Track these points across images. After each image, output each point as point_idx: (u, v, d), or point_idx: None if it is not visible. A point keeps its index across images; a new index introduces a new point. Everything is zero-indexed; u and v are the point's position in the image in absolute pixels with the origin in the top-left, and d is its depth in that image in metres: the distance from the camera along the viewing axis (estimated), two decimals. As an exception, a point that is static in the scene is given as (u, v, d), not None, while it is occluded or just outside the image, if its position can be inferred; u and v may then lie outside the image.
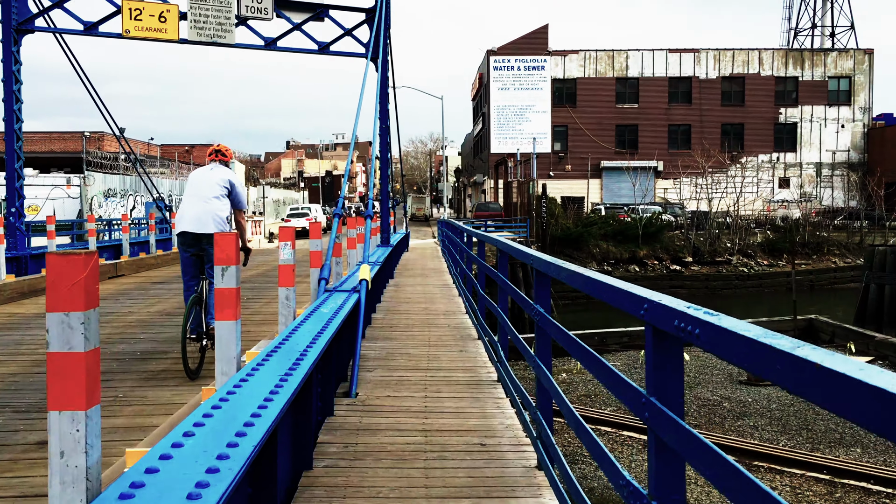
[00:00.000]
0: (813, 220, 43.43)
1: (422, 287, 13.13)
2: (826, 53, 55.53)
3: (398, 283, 13.66)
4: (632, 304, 2.67)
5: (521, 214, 40.25)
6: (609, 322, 20.52)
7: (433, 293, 12.23)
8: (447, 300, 11.26)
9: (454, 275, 13.75)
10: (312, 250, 6.38)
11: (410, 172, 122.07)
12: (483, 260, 8.06)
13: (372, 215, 7.22)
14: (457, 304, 10.85)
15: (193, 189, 7.14)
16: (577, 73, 54.68)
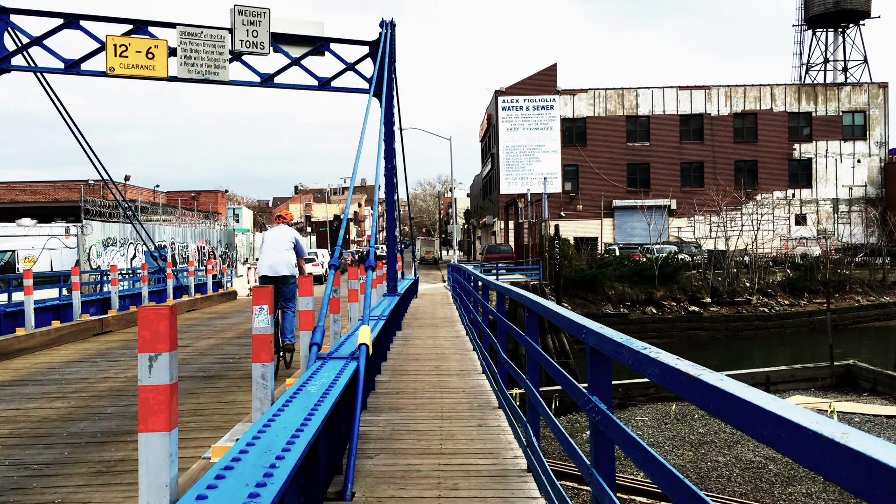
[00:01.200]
0: (833, 257, 42.24)
1: (432, 340, 11.99)
2: (839, 88, 54.79)
3: (406, 337, 12.54)
4: (576, 329, 3.57)
5: (533, 256, 39.22)
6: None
7: (445, 347, 11.12)
8: (460, 356, 10.14)
9: (466, 325, 12.64)
10: (302, 310, 5.37)
11: (419, 215, 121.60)
12: (503, 315, 6.97)
13: (374, 266, 6.18)
14: (471, 360, 9.72)
15: (270, 244, 10.04)
16: (586, 112, 54.09)
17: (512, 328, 6.08)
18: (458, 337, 12.45)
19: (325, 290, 5.66)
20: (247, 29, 11.95)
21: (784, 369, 16.35)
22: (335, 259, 6.03)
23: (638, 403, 15.92)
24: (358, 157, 7.73)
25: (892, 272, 40.11)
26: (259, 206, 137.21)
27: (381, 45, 11.65)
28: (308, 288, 6.47)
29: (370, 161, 12.70)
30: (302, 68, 12.69)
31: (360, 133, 8.58)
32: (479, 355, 9.54)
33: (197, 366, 10.38)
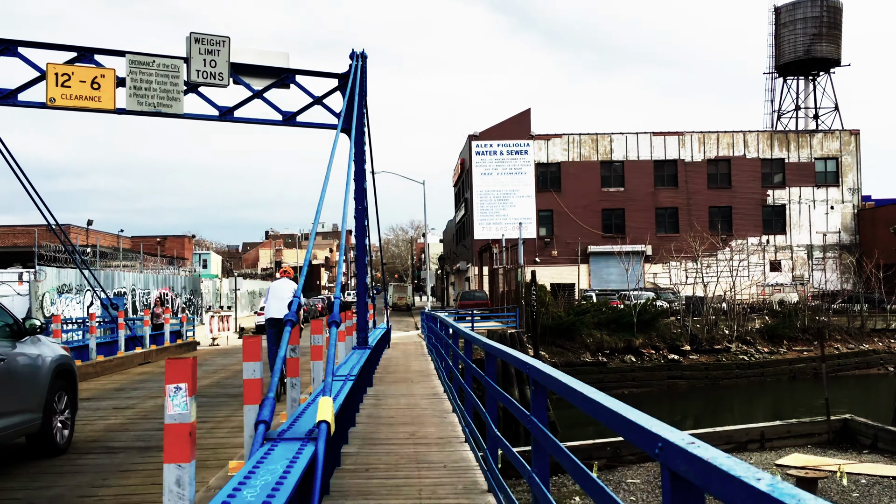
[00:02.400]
0: (811, 304, 41.81)
1: (406, 399, 10.83)
2: (812, 135, 55.22)
3: (378, 394, 11.35)
4: (520, 364, 4.58)
5: (508, 303, 38.25)
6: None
7: (421, 408, 9.97)
8: (439, 419, 9.00)
9: (444, 381, 11.52)
10: (247, 378, 4.31)
11: (391, 260, 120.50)
12: (493, 378, 5.90)
13: (338, 321, 5.08)
14: (451, 425, 8.58)
15: (275, 293, 13.12)
16: (560, 157, 53.84)
17: (506, 398, 5.02)
18: (436, 394, 11.30)
19: (280, 349, 4.54)
20: (204, 58, 10.98)
21: (779, 424, 15.37)
22: (292, 313, 4.95)
23: (628, 463, 14.80)
24: (323, 196, 6.72)
25: (870, 319, 39.69)
26: (229, 251, 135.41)
27: (352, 78, 10.72)
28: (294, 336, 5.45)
29: (341, 203, 11.73)
30: (265, 101, 11.71)
31: (331, 173, 7.64)
32: (459, 418, 8.43)
33: (136, 433, 9.12)
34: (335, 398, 5.82)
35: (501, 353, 5.46)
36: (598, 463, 12.73)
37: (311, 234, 6.22)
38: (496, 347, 5.79)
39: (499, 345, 5.92)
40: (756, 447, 14.81)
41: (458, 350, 9.36)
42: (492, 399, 5.64)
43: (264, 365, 5.42)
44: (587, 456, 13.59)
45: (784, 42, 60.33)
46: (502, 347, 5.71)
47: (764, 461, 14.04)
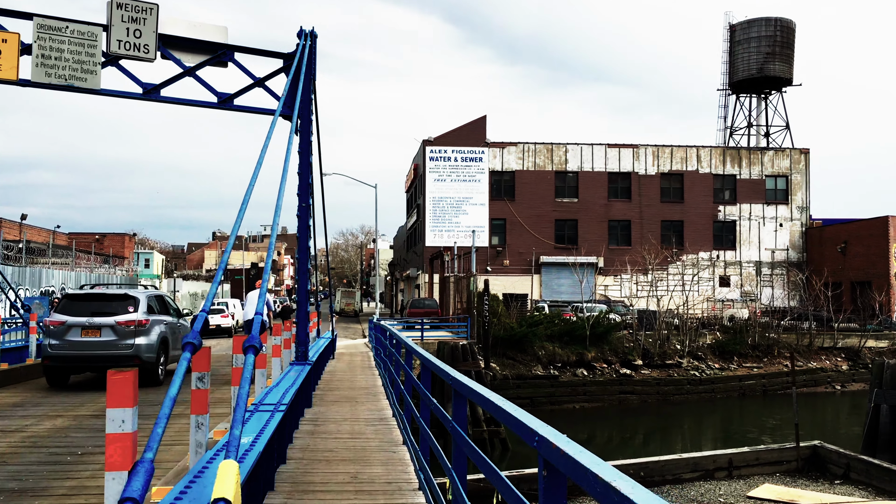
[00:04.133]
0: (761, 320, 41.70)
1: (349, 425, 9.48)
2: (763, 152, 55.60)
3: (317, 418, 9.96)
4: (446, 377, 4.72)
5: (457, 312, 37.18)
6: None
7: (366, 438, 8.64)
8: (387, 455, 7.64)
9: (393, 404, 10.26)
10: (111, 432, 3.04)
11: (339, 265, 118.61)
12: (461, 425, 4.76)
13: (258, 346, 3.61)
14: (402, 463, 7.26)
15: (251, 301, 17.40)
16: (515, 166, 53.12)
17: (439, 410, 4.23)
18: (383, 419, 10.00)
19: (169, 390, 3.14)
20: (127, 27, 9.57)
21: (748, 451, 14.50)
22: (194, 333, 3.59)
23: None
24: (253, 181, 5.45)
25: (818, 337, 39.71)
26: (173, 251, 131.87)
27: (298, 58, 9.44)
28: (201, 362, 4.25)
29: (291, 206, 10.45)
30: (198, 81, 10.32)
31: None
32: (411, 454, 7.18)
33: (13, 468, 7.38)
34: (257, 439, 4.55)
35: (433, 366, 4.93)
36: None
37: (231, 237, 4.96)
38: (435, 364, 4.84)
39: (437, 361, 5.03)
40: (724, 475, 13.90)
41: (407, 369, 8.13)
42: (459, 453, 4.54)
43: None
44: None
45: (738, 60, 60.77)
46: (440, 364, 5.02)
47: (734, 491, 13.12)
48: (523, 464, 18.02)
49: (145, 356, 14.00)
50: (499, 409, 3.37)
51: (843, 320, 41.36)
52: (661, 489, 13.33)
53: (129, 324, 13.87)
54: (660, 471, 13.68)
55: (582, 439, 26.59)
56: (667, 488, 13.56)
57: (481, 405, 3.75)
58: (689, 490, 13.35)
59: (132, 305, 14.29)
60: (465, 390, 4.25)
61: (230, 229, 28.01)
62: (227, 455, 2.79)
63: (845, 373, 37.72)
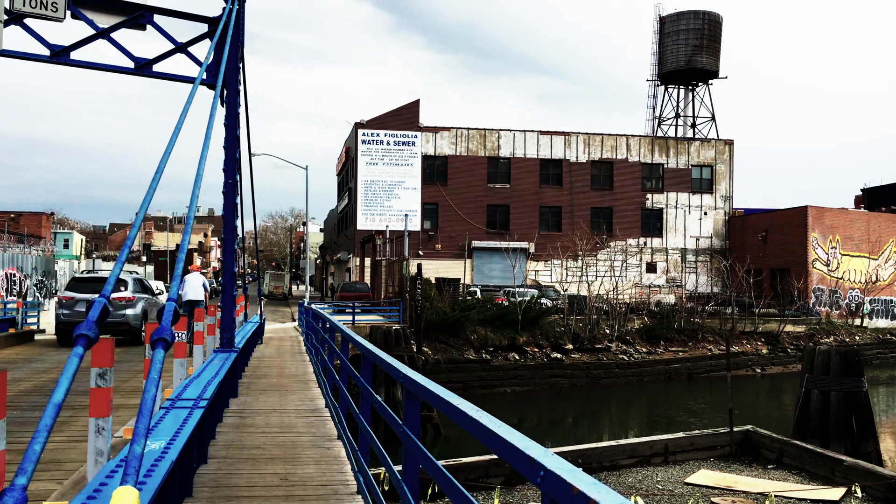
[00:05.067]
0: (687, 306, 42.56)
1: (279, 417, 8.86)
2: (689, 143, 56.69)
3: (243, 410, 9.30)
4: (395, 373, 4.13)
5: (389, 296, 36.67)
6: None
7: (297, 431, 8.05)
8: (321, 451, 7.05)
9: (326, 392, 9.70)
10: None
11: (269, 248, 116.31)
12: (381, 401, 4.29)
13: (169, 338, 2.94)
14: (337, 460, 6.69)
15: (189, 283, 18.09)
16: (448, 151, 52.73)
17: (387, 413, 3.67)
18: (316, 410, 9.42)
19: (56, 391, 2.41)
20: (35, -18, 8.66)
21: (683, 437, 14.48)
22: (88, 324, 2.85)
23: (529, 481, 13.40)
24: (167, 154, 4.81)
25: (740, 322, 40.75)
26: (94, 231, 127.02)
27: (224, 21, 8.70)
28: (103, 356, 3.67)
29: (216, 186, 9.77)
30: (113, 44, 9.46)
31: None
32: (348, 451, 6.64)
33: None
34: (171, 443, 3.97)
35: (380, 361, 4.54)
36: (500, 487, 11.29)
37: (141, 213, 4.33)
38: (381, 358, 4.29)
39: (385, 355, 4.53)
40: (660, 461, 13.84)
41: (343, 358, 7.59)
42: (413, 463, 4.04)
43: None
44: (485, 473, 12.14)
45: (667, 51, 61.72)
46: (385, 357, 4.48)
47: (671, 478, 13.05)
48: (455, 449, 17.72)
49: (132, 323, 19.30)
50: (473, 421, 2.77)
51: (763, 306, 42.60)
52: (600, 476, 13.17)
53: (121, 299, 19.24)
54: (597, 457, 13.51)
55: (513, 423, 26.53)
56: (604, 475, 13.41)
57: (447, 413, 3.13)
58: (627, 477, 13.21)
59: (123, 286, 19.66)
60: (422, 392, 3.61)
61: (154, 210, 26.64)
62: (124, 478, 2.22)
63: (765, 356, 38.86)
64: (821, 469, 13.00)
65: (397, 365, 4.04)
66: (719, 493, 11.81)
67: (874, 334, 44.55)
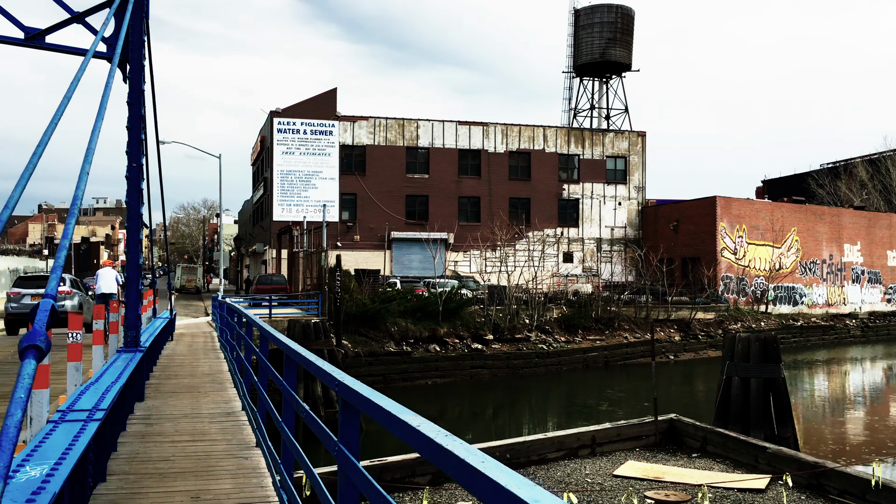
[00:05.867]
0: (604, 295, 43.21)
1: (190, 423, 8.12)
2: (604, 134, 57.60)
3: (150, 415, 8.50)
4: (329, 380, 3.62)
5: (307, 288, 35.75)
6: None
7: (211, 439, 7.36)
8: (238, 461, 6.37)
9: (243, 394, 9.01)
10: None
11: (180, 240, 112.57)
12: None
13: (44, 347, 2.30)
14: (256, 471, 6.07)
15: (103, 276, 18.78)
16: (366, 141, 51.92)
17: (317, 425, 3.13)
18: (232, 414, 8.73)
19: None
20: None
21: (609, 427, 14.41)
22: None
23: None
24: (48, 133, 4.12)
25: (654, 310, 41.60)
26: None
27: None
28: None
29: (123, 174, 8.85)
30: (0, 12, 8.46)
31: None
32: (268, 461, 6.04)
33: None
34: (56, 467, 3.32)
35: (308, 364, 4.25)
36: (428, 487, 10.85)
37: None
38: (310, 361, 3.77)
39: (312, 357, 3.99)
40: (587, 453, 13.71)
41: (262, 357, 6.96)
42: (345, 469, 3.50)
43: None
44: (411, 472, 11.70)
45: (582, 44, 62.48)
46: (315, 360, 3.94)
47: (599, 470, 12.91)
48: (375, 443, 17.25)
49: None
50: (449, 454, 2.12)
51: (675, 294, 43.66)
52: (528, 470, 12.93)
53: (62, 293, 21.68)
54: (525, 451, 13.25)
55: (434, 415, 26.18)
56: (533, 469, 13.16)
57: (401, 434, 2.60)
58: (556, 470, 12.99)
59: (62, 282, 21.40)
60: (364, 405, 3.06)
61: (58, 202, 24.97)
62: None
63: (678, 343, 39.85)
64: (745, 457, 13.11)
65: (332, 371, 3.50)
66: (648, 485, 11.73)
67: (778, 320, 46.37)
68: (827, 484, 11.43)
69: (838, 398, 29.27)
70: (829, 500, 11.30)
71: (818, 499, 11.33)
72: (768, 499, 11.33)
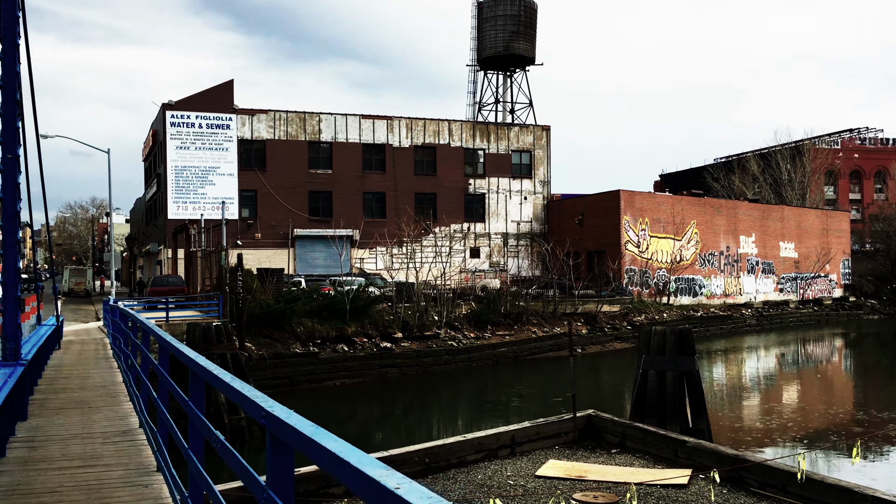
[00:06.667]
0: (511, 290, 43.42)
1: (81, 444, 7.16)
2: (509, 128, 57.89)
3: (34, 437, 7.46)
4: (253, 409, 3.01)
5: (206, 289, 34.24)
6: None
7: (106, 464, 6.44)
8: (138, 491, 5.46)
9: (140, 410, 8.10)
10: None
11: (68, 241, 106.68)
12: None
13: None
14: (157, 500, 5.35)
15: None
16: (266, 135, 50.30)
17: None
18: (128, 432, 7.81)
19: None
20: None
21: (529, 426, 14.13)
22: None
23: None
24: None
25: (561, 304, 42.07)
26: None
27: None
28: None
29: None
30: None
31: None
32: (171, 487, 5.29)
33: None
34: None
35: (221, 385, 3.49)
36: (346, 500, 10.20)
37: None
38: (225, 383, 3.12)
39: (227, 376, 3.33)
40: (507, 453, 13.36)
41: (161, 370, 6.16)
42: None
43: None
44: (325, 483, 11.03)
45: (486, 37, 62.66)
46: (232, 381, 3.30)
47: (521, 471, 12.56)
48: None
49: None
50: None
51: (582, 288, 44.32)
52: (448, 474, 12.45)
53: None
54: (445, 455, 12.77)
55: (343, 418, 25.38)
56: (453, 473, 12.69)
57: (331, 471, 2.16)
58: (477, 473, 12.56)
59: None
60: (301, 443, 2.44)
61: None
62: None
63: (585, 336, 40.40)
64: (664, 451, 13.04)
65: (257, 397, 2.82)
66: (571, 485, 11.46)
67: (679, 311, 47.82)
68: (748, 477, 11.47)
69: (740, 387, 30.27)
70: (751, 493, 11.33)
71: (739, 492, 11.34)
72: (692, 494, 11.26)
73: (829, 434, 20.68)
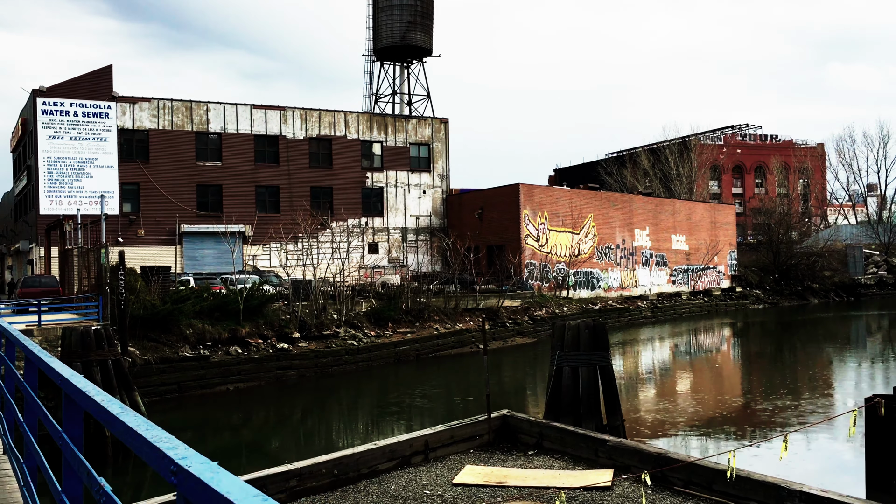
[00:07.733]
0: (412, 286, 42.55)
1: None
2: (407, 120, 56.93)
3: None
4: None
5: (84, 290, 31.70)
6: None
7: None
8: None
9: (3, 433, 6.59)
10: None
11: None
12: None
13: None
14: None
15: None
16: (149, 125, 47.38)
17: None
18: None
19: None
20: None
21: (442, 430, 13.18)
22: None
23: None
24: None
25: (462, 300, 41.53)
26: None
27: None
28: None
29: None
30: None
31: None
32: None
33: None
34: None
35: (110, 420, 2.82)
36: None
37: None
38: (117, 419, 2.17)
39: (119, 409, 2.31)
40: (421, 460, 12.37)
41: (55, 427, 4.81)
42: None
43: None
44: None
45: (382, 27, 61.41)
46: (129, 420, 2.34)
47: (437, 479, 11.59)
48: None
49: None
50: None
51: (483, 283, 43.91)
52: (358, 486, 11.35)
53: None
54: (355, 465, 11.63)
55: (237, 424, 23.76)
56: (364, 484, 11.59)
57: None
58: (390, 483, 11.50)
59: None
60: None
61: None
62: None
63: (487, 332, 39.88)
64: (584, 451, 12.37)
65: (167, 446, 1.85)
66: (491, 492, 10.59)
67: (578, 304, 48.24)
68: (671, 475, 10.96)
69: (641, 380, 30.45)
70: (675, 491, 10.83)
71: (664, 491, 10.80)
72: (616, 496, 10.63)
73: (730, 423, 20.80)
